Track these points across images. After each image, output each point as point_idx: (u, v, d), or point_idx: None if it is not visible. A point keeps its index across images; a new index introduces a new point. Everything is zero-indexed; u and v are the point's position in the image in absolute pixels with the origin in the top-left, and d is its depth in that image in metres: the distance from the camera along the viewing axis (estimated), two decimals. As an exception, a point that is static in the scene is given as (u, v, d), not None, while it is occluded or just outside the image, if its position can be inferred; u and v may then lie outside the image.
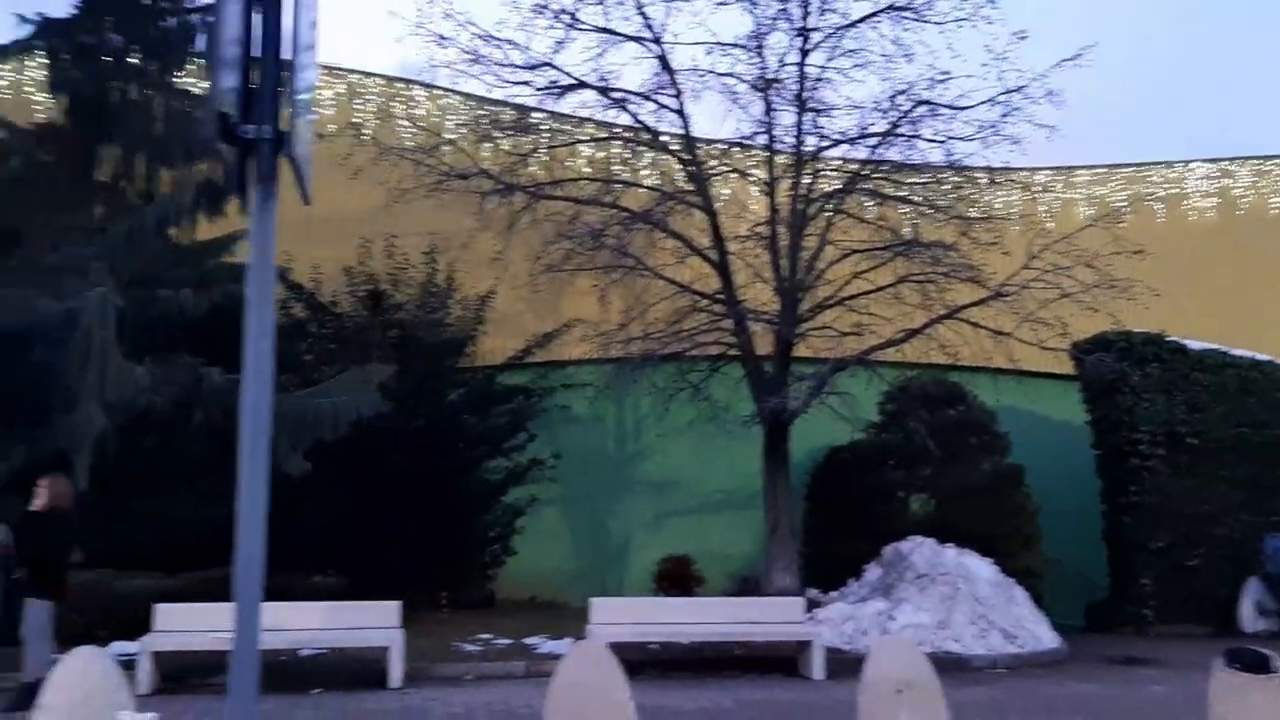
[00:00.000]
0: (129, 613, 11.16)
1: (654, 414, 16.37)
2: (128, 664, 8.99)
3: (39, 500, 9.60)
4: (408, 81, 18.89)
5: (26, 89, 17.28)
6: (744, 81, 14.64)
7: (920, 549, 13.90)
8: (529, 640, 12.66)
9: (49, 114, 15.22)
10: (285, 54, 3.67)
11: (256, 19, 3.52)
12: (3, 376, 12.45)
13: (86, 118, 14.30)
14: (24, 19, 14.36)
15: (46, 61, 14.89)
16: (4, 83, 17.34)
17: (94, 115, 14.23)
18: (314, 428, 12.79)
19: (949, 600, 13.11)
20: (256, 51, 3.55)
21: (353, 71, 18.66)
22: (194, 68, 15.49)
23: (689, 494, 17.90)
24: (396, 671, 10.68)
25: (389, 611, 11.08)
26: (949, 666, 10.18)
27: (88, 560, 11.09)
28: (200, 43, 14.73)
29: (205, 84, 15.49)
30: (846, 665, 10.84)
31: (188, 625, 10.33)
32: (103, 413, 11.65)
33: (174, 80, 15.06)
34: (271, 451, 5.49)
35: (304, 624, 10.71)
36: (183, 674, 10.50)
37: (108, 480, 11.76)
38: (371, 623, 11.01)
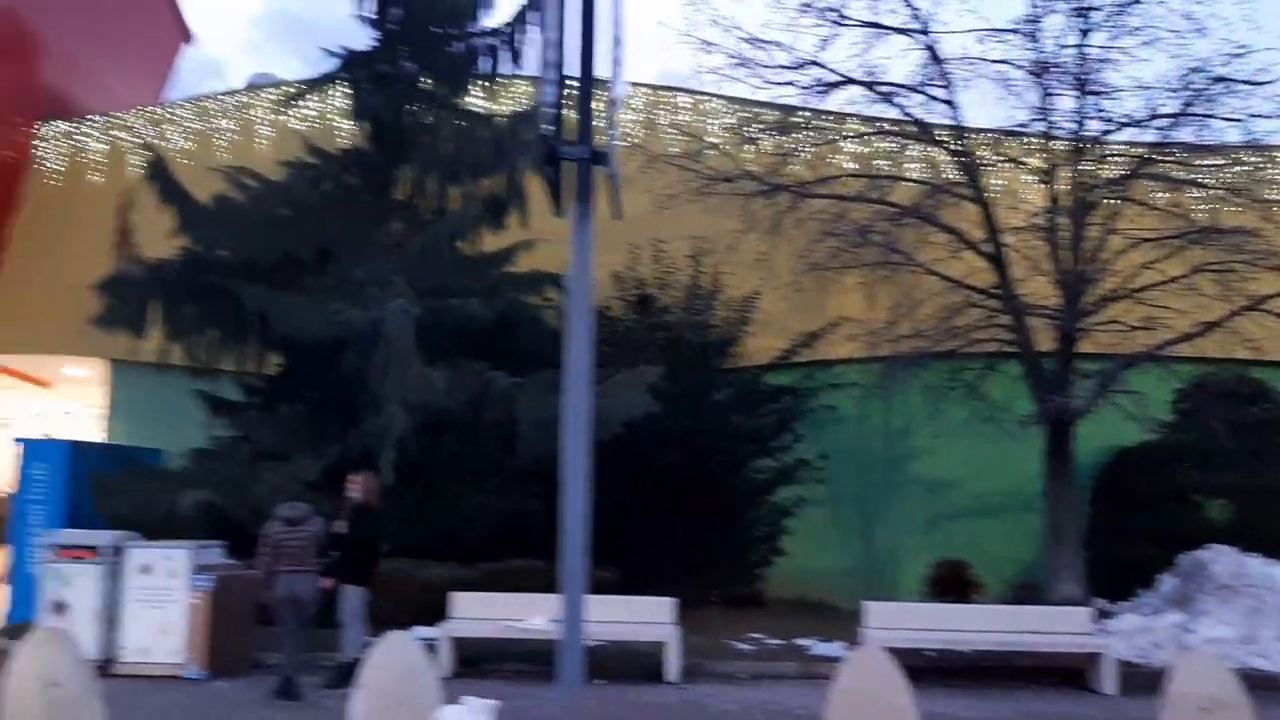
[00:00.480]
0: (425, 600, 12.03)
1: (924, 413, 15.93)
2: (428, 648, 9.69)
3: (353, 495, 10.53)
4: (671, 89, 19.30)
5: (329, 117, 18.92)
6: (1018, 67, 14.08)
7: (1221, 558, 12.95)
8: (800, 641, 12.66)
9: (353, 140, 16.59)
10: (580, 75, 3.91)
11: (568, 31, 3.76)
12: (319, 382, 13.74)
13: (385, 142, 15.51)
14: (330, 53, 15.75)
15: (349, 91, 16.26)
16: (313, 113, 19.04)
17: (392, 139, 15.42)
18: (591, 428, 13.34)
19: (1255, 614, 12.20)
20: (561, 73, 3.80)
21: (621, 83, 19.25)
22: (476, 89, 16.50)
23: (963, 496, 17.33)
24: (674, 666, 10.98)
25: (665, 607, 11.42)
26: (1256, 685, 9.38)
27: (392, 550, 12.00)
28: (484, 65, 15.66)
29: (488, 104, 16.46)
30: (1141, 680, 10.32)
31: (481, 613, 11.09)
32: (404, 414, 12.63)
33: (460, 102, 16.08)
34: (556, 451, 5.83)
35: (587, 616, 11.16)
36: (474, 658, 11.23)
37: (409, 477, 12.74)
38: (648, 617, 11.36)
